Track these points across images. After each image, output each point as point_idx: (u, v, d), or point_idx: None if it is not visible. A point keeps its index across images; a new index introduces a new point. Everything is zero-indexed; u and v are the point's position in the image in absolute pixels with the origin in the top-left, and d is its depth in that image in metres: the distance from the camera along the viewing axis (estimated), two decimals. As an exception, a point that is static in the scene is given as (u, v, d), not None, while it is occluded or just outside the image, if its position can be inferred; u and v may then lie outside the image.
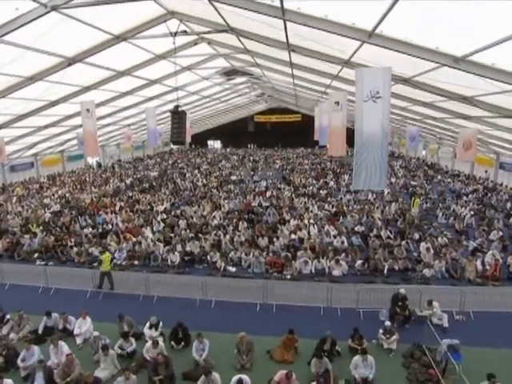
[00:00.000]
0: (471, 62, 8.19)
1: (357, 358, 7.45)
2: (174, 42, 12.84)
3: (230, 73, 23.78)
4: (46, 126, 21.69)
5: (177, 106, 13.14)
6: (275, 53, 14.86)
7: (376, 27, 7.94)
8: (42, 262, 13.74)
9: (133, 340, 8.48)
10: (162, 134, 34.14)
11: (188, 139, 29.31)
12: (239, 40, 13.89)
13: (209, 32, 12.87)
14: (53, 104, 17.72)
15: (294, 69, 16.25)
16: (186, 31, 12.72)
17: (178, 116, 13.03)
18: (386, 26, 7.83)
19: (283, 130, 50.96)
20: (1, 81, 13.20)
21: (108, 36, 12.49)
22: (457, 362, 7.30)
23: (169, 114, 32.57)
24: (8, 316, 9.77)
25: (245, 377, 7.01)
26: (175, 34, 12.46)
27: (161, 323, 9.05)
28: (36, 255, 14.25)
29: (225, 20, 11.33)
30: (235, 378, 6.99)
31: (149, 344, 8.14)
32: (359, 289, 10.08)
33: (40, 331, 9.31)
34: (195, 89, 26.00)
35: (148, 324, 9.01)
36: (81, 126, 24.08)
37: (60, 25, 10.37)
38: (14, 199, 21.61)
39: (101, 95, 19.09)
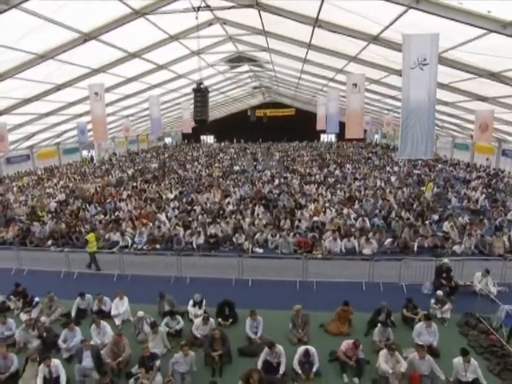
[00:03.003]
0: (520, 27, 8.10)
1: (420, 325, 7.29)
2: (196, 18, 12.41)
3: (235, 60, 23.41)
4: (47, 114, 20.86)
5: (200, 84, 12.76)
6: (295, 33, 14.62)
7: (430, -10, 7.76)
8: (58, 249, 13.14)
9: (179, 318, 8.09)
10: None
11: (189, 130, 28.82)
12: (260, 18, 13.54)
13: (232, 7, 12.47)
14: (58, 88, 16.99)
15: (310, 50, 15.96)
16: (209, 6, 12.32)
17: (201, 94, 12.63)
18: (438, -12, 7.67)
19: (277, 125, 50.65)
20: (11, 56, 12.46)
21: (127, 10, 11.96)
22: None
23: (168, 104, 31.93)
24: (37, 299, 9.24)
25: (311, 347, 6.74)
26: (198, 9, 12.05)
27: (204, 301, 8.68)
28: (50, 242, 13.64)
29: (254, -9, 11.01)
30: (301, 350, 6.73)
31: (198, 321, 7.77)
32: (401, 263, 9.93)
33: (73, 314, 8.80)
34: (198, 77, 25.44)
35: (191, 302, 8.64)
36: (81, 115, 23.81)
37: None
38: (15, 189, 20.74)
39: (106, 80, 18.44)
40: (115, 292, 8.89)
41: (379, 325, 7.51)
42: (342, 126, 19.75)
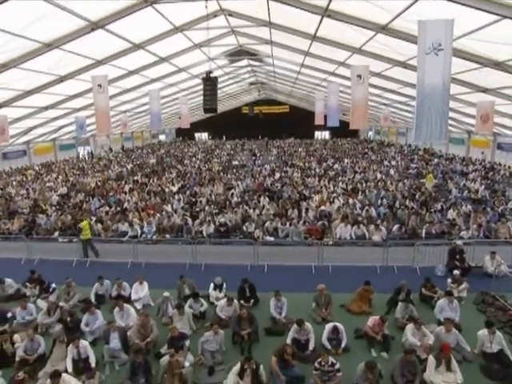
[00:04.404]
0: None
1: (442, 301, 7.46)
2: (206, 6, 12.55)
3: (235, 54, 23.44)
4: (47, 108, 20.60)
5: (209, 73, 12.81)
6: (301, 24, 14.72)
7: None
8: (66, 239, 13.04)
9: (203, 300, 8.12)
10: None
11: (187, 126, 28.68)
12: (268, 8, 13.59)
13: (241, -5, 12.52)
14: (61, 79, 16.80)
15: (314, 41, 16.05)
16: (218, -6, 12.35)
17: (210, 83, 12.72)
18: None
19: (272, 122, 50.72)
20: (17, 45, 12.27)
21: (137, -3, 11.92)
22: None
23: (164, 100, 31.78)
24: (53, 285, 9.17)
25: (339, 324, 6.86)
26: (208, -3, 12.09)
27: (224, 284, 8.73)
28: (57, 233, 13.52)
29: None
30: (329, 326, 6.85)
31: (223, 302, 7.83)
32: (415, 247, 10.14)
33: (93, 299, 8.74)
34: (197, 72, 25.41)
35: (212, 285, 8.69)
36: (79, 109, 23.55)
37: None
38: (15, 183, 20.50)
39: (107, 73, 18.26)
40: (135, 277, 8.88)
41: (400, 303, 7.67)
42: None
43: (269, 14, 14.35)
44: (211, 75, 12.70)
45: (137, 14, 12.74)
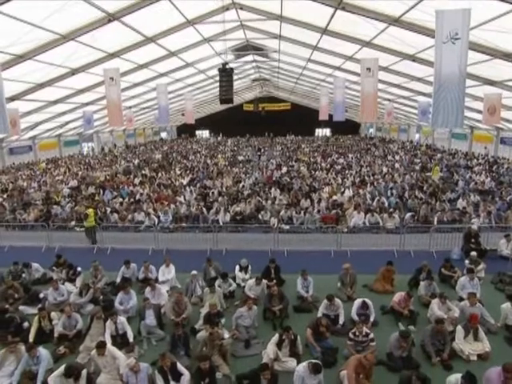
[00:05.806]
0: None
1: (464, 279, 7.73)
2: (222, -3, 12.74)
3: (241, 49, 23.64)
4: (56, 102, 20.72)
5: (225, 64, 13.06)
6: (312, 18, 14.94)
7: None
8: (82, 228, 13.18)
9: (231, 280, 8.34)
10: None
11: (192, 121, 28.85)
12: (281, 1, 13.80)
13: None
14: (73, 72, 16.93)
15: (324, 35, 16.27)
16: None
17: (226, 74, 13.01)
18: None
19: (273, 119, 50.81)
20: (36, 36, 12.42)
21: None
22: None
23: (170, 96, 31.88)
24: (79, 269, 9.34)
25: (367, 300, 7.10)
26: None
27: (250, 266, 8.95)
28: (73, 223, 13.68)
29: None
30: (358, 302, 7.09)
31: (251, 282, 8.06)
32: (430, 233, 10.42)
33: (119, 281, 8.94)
34: (203, 67, 25.60)
35: (238, 267, 8.91)
36: (87, 104, 23.68)
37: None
38: (24, 177, 20.64)
39: (118, 67, 18.42)
40: (164, 258, 9.10)
41: (422, 281, 7.93)
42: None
43: (281, 8, 14.56)
44: (227, 66, 13.00)
45: (152, 7, 12.93)
